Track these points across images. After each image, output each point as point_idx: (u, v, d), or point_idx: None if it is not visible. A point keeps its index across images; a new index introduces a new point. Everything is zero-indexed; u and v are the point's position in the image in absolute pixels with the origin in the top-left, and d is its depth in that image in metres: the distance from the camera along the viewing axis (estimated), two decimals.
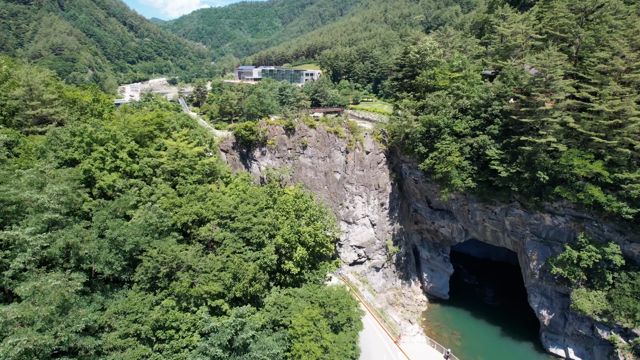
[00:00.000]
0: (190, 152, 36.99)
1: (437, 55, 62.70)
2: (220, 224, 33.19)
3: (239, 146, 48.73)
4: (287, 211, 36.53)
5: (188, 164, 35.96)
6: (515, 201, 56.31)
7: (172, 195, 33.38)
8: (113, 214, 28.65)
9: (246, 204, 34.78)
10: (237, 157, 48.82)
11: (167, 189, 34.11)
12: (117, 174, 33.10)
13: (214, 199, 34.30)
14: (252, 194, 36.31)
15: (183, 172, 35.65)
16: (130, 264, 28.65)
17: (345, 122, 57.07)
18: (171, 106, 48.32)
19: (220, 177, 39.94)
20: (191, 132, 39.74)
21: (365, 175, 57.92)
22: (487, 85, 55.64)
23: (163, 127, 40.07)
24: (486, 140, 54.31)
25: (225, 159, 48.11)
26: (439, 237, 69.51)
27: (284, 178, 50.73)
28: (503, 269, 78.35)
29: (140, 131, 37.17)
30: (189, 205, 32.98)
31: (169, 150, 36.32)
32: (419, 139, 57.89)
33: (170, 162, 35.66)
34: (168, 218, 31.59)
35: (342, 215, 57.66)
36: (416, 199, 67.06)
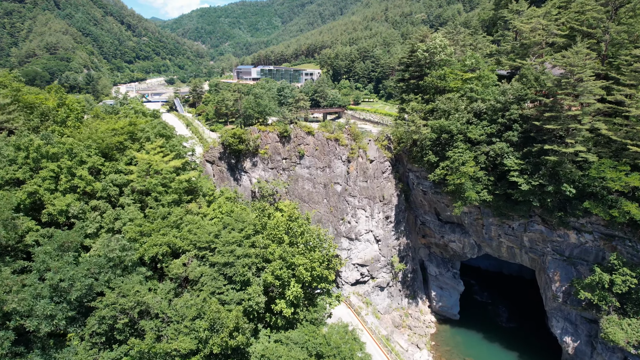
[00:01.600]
0: (166, 167, 31.35)
1: (448, 53, 57.05)
2: (198, 256, 27.57)
3: (226, 156, 43.16)
4: (279, 237, 30.92)
5: (162, 181, 30.34)
6: (535, 216, 50.71)
7: (141, 221, 27.76)
8: (60, 249, 23.07)
9: (229, 230, 29.16)
10: (225, 169, 43.23)
11: (136, 212, 28.50)
12: (74, 195, 27.53)
13: (191, 225, 28.68)
14: (238, 217, 30.66)
15: (155, 191, 30.04)
16: (82, 312, 23.05)
17: (347, 127, 51.42)
18: (148, 112, 42.64)
19: (203, 195, 34.33)
20: (169, 143, 34.13)
21: (369, 186, 52.26)
22: (505, 87, 50.00)
23: (136, 137, 34.49)
24: (504, 149, 48.70)
25: (212, 171, 42.52)
26: (448, 252, 63.92)
27: (278, 191, 45.10)
28: (516, 283, 72.81)
29: (108, 142, 31.57)
30: (160, 234, 27.37)
31: (140, 166, 30.72)
32: (429, 147, 52.25)
33: (140, 179, 30.05)
34: (133, 251, 25.98)
35: (344, 231, 52.04)
36: (424, 211, 61.44)
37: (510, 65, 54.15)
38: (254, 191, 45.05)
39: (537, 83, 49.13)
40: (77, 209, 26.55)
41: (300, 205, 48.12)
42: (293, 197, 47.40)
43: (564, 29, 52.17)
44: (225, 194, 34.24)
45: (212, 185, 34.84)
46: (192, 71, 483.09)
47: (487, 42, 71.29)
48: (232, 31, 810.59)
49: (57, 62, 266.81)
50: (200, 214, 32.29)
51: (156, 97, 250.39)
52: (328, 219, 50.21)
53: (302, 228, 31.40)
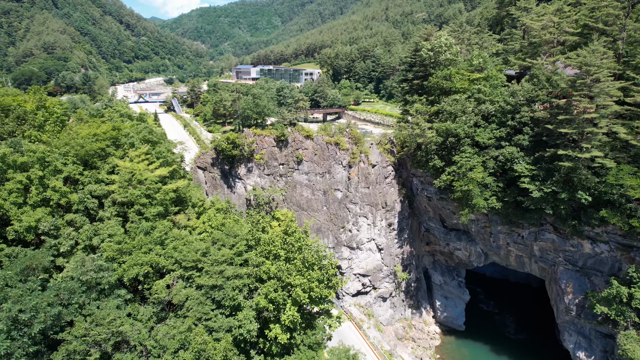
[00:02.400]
0: (151, 176, 28.64)
1: (454, 52, 54.34)
2: (184, 277, 24.87)
3: (219, 162, 40.47)
4: (274, 253, 28.21)
5: (145, 192, 27.64)
6: (547, 224, 48.03)
7: (121, 238, 25.06)
8: (23, 273, 20.39)
9: (219, 246, 26.46)
10: (218, 176, 40.56)
11: (116, 227, 25.81)
12: (45, 209, 24.86)
13: (177, 242, 25.99)
14: (229, 231, 27.96)
15: (139, 203, 27.34)
16: (49, 344, 20.35)
17: (348, 130, 48.71)
18: (134, 115, 39.81)
19: (192, 206, 31.64)
20: (155, 150, 31.41)
21: (370, 192, 49.56)
22: (514, 88, 47.28)
23: (120, 143, 31.81)
24: (514, 153, 46.00)
25: (204, 178, 39.83)
26: (453, 260, 61.21)
27: (275, 199, 42.42)
28: (523, 291, 70.16)
29: (88, 149, 28.88)
30: (142, 252, 24.67)
31: (122, 175, 28.02)
32: (434, 151, 49.52)
33: (122, 190, 27.36)
34: (111, 271, 23.28)
35: (344, 239, 49.35)
36: (428, 217, 58.72)
37: (520, 64, 51.42)
38: (249, 199, 42.36)
39: (549, 84, 46.44)
40: (48, 224, 23.90)
41: (299, 213, 45.44)
42: (291, 204, 44.72)
43: (575, 26, 49.42)
44: (216, 204, 31.55)
45: (202, 196, 32.15)
46: (192, 71, 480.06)
47: (493, 41, 68.56)
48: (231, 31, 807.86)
49: (54, 62, 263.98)
50: (189, 227, 29.60)
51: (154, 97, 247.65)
52: (328, 228, 47.53)
53: (299, 243, 28.71)
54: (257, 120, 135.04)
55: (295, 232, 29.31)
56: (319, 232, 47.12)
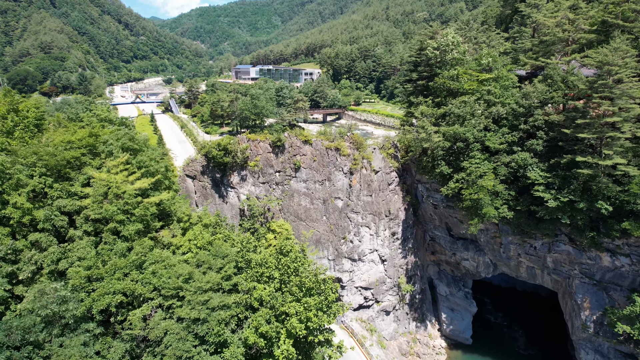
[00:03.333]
0: (130, 188, 25.54)
1: (461, 51, 51.20)
2: (163, 307, 21.76)
3: (210, 170, 37.37)
4: (267, 277, 25.13)
5: (123, 207, 24.55)
6: (562, 235, 44.93)
7: (92, 261, 21.98)
8: None
9: (205, 269, 23.36)
10: (209, 185, 37.46)
11: (88, 249, 22.72)
12: (3, 229, 21.77)
13: (157, 265, 22.87)
14: (217, 251, 24.86)
15: (115, 220, 24.25)
16: None
17: (349, 135, 45.61)
18: (116, 120, 36.62)
19: (177, 220, 28.55)
20: (136, 159, 28.30)
21: (373, 201, 46.46)
22: (527, 90, 44.13)
23: (97, 151, 28.76)
24: (527, 159, 42.89)
25: (193, 187, 36.75)
26: (460, 270, 58.12)
27: (271, 209, 39.32)
28: (532, 302, 67.05)
29: (60, 158, 25.80)
30: (116, 278, 21.57)
31: (97, 188, 24.94)
32: (441, 157, 46.40)
33: (96, 205, 24.28)
34: (77, 303, 20.18)
35: (345, 251, 46.25)
36: (434, 225, 55.62)
37: (532, 64, 48.25)
38: (243, 209, 39.26)
39: (564, 85, 43.36)
40: (5, 248, 20.84)
41: (296, 224, 42.34)
42: (288, 214, 41.62)
43: (592, 22, 46.27)
44: (203, 219, 28.45)
45: (189, 210, 29.04)
46: (191, 71, 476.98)
47: (500, 40, 65.43)
48: (231, 30, 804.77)
49: (51, 62, 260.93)
50: (173, 245, 26.49)
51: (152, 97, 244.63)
52: (328, 239, 44.45)
53: (295, 263, 25.61)
54: (255, 121, 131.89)
55: (292, 251, 26.25)
56: (318, 244, 44.03)
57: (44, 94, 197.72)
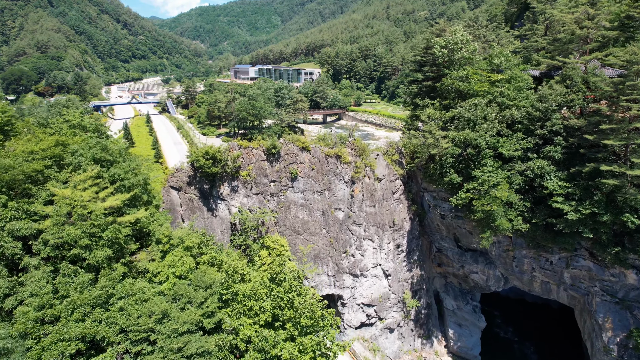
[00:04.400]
0: (98, 207, 22.05)
1: (470, 50, 47.64)
2: (131, 353, 18.28)
3: (197, 181, 33.88)
4: (257, 309, 21.63)
5: (89, 230, 21.07)
6: (582, 249, 41.44)
7: (45, 299, 18.51)
8: None
9: (183, 303, 19.87)
10: (196, 197, 33.97)
11: (42, 282, 19.23)
12: None
13: (127, 300, 19.39)
14: (199, 281, 21.37)
15: (79, 245, 20.79)
16: None
17: (351, 140, 42.14)
18: (91, 126, 32.99)
19: (156, 242, 25.07)
20: (109, 172, 24.83)
21: (377, 212, 42.98)
22: (544, 92, 40.60)
23: (65, 163, 25.33)
24: (544, 167, 39.38)
25: (179, 200, 33.27)
26: (468, 283, 54.61)
27: (265, 223, 35.84)
28: (543, 314, 63.52)
29: (17, 172, 22.34)
30: (73, 320, 18.09)
31: (58, 208, 21.47)
32: (450, 164, 42.87)
33: (56, 228, 20.81)
34: (22, 354, 16.69)
35: (346, 266, 42.77)
36: (441, 236, 52.13)
37: (548, 64, 44.72)
38: (234, 223, 35.74)
39: (585, 86, 39.88)
40: None
41: (293, 238, 38.83)
42: (284, 228, 38.12)
43: (614, 18, 42.73)
44: (185, 241, 24.96)
45: (168, 230, 25.54)
46: (190, 70, 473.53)
47: (510, 38, 61.91)
48: (231, 30, 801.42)
49: (47, 61, 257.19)
50: (149, 272, 22.99)
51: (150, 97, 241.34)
52: (327, 253, 40.97)
53: (290, 294, 22.13)
54: (253, 122, 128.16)
55: (286, 279, 22.79)
56: (317, 259, 40.54)
57: (39, 94, 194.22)
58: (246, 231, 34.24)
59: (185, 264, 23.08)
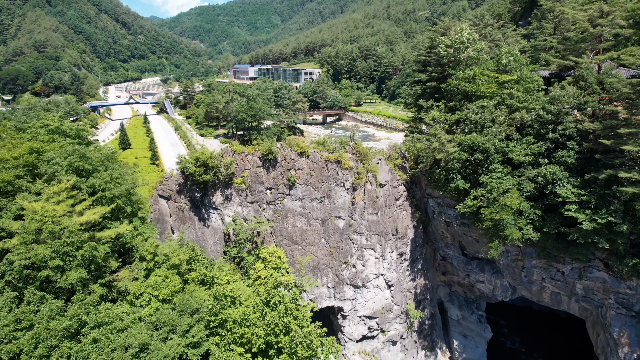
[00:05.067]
0: (73, 223, 19.87)
1: (477, 49, 45.47)
2: None
3: (188, 189, 31.69)
4: (249, 336, 19.43)
5: (61, 248, 18.89)
6: (596, 259, 39.28)
7: (6, 331, 16.31)
8: None
9: (166, 332, 17.67)
10: (187, 206, 31.77)
11: (3, 312, 17.02)
12: None
13: (102, 330, 17.21)
14: (184, 305, 19.18)
15: (50, 266, 18.63)
16: None
17: (352, 145, 39.96)
18: (71, 130, 30.62)
19: (140, 259, 22.89)
20: (87, 183, 22.62)
21: (379, 219, 40.81)
22: (556, 93, 38.38)
23: (40, 172, 23.16)
24: (557, 173, 37.18)
25: (168, 210, 31.07)
26: (474, 292, 52.40)
27: (261, 233, 33.64)
28: (551, 323, 61.34)
29: None
30: (36, 356, 15.88)
31: (27, 224, 19.29)
32: (457, 169, 40.66)
33: (23, 248, 18.64)
34: None
35: (347, 277, 40.60)
36: (445, 243, 49.95)
37: (559, 64, 42.52)
38: (228, 234, 33.53)
39: (600, 87, 37.69)
40: None
41: (291, 248, 36.64)
42: (281, 238, 35.93)
43: (630, 15, 40.49)
44: (172, 258, 22.72)
45: (152, 246, 23.25)
46: (189, 70, 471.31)
47: (517, 37, 59.72)
48: (230, 30, 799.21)
49: (44, 61, 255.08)
50: (130, 294, 20.79)
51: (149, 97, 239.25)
52: (327, 264, 38.79)
53: (286, 318, 19.94)
54: (251, 123, 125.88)
55: (282, 302, 20.60)
56: (316, 270, 38.35)
57: (35, 94, 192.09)
58: (240, 242, 32.04)
59: (170, 285, 20.85)
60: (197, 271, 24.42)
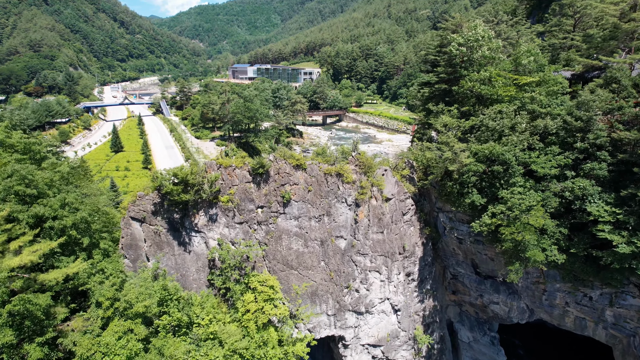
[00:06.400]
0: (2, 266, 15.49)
1: (493, 48, 41.08)
2: None
3: (165, 210, 27.30)
4: None
5: None
6: (630, 285, 34.87)
7: None
8: None
9: None
10: (164, 229, 27.41)
11: None
12: None
13: None
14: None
15: None
16: None
17: (355, 155, 35.58)
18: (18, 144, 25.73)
19: (96, 305, 18.49)
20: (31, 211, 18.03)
21: (385, 238, 36.43)
22: (585, 98, 33.94)
23: None
24: (587, 188, 32.75)
25: (142, 234, 26.69)
26: (487, 313, 48.05)
27: (251, 257, 29.24)
28: (567, 343, 57.01)
29: None
30: None
31: None
32: (472, 183, 36.24)
33: None
34: None
35: (349, 303, 36.23)
36: (457, 261, 45.59)
37: (585, 64, 38.11)
38: (213, 260, 29.14)
39: (636, 90, 33.31)
40: None
41: (286, 273, 32.26)
42: (274, 262, 31.57)
43: None
44: (135, 305, 18.14)
45: (111, 290, 18.85)
46: (188, 70, 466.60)
47: (532, 35, 55.30)
48: (230, 29, 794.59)
49: (39, 61, 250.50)
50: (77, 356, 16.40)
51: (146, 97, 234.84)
52: (327, 290, 34.42)
53: None
54: (248, 125, 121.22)
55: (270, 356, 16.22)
56: (315, 297, 33.98)
57: (28, 94, 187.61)
58: (226, 270, 27.67)
59: (129, 346, 16.47)
60: (171, 315, 20.09)
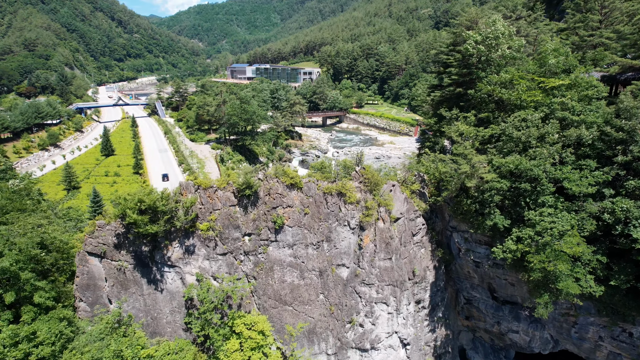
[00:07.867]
0: None
1: (515, 46, 36.31)
2: None
3: (131, 242, 22.53)
4: None
5: None
6: None
7: None
8: None
9: None
10: (130, 265, 22.65)
11: None
12: None
13: None
14: None
15: None
16: None
17: (359, 170, 30.80)
18: None
19: None
20: None
21: (393, 266, 31.68)
22: (628, 104, 29.19)
23: None
24: (631, 210, 27.99)
25: (102, 273, 21.95)
26: (504, 341, 43.32)
27: (237, 294, 24.45)
28: None
29: None
30: None
31: None
32: (495, 203, 31.46)
33: None
34: None
35: (352, 339, 31.45)
36: (471, 284, 40.85)
37: (623, 64, 33.32)
38: (191, 298, 24.35)
39: None
40: None
41: (278, 311, 27.48)
42: (265, 299, 26.80)
43: None
44: None
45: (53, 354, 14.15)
46: (187, 69, 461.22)
47: (551, 32, 50.50)
48: (229, 28, 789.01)
49: (34, 60, 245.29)
50: None
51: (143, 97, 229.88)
52: (326, 326, 29.63)
53: None
54: (245, 127, 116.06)
55: None
56: (313, 335, 29.21)
57: (20, 94, 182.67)
58: (205, 315, 22.88)
59: None
60: None
